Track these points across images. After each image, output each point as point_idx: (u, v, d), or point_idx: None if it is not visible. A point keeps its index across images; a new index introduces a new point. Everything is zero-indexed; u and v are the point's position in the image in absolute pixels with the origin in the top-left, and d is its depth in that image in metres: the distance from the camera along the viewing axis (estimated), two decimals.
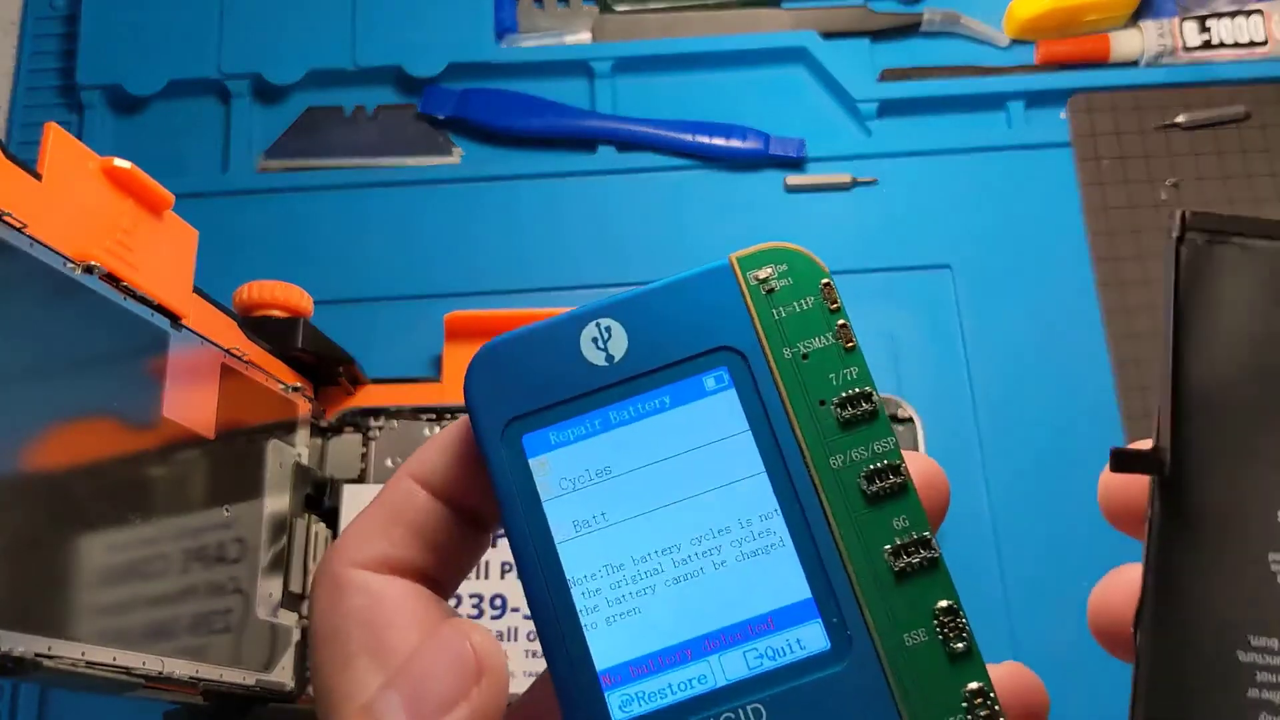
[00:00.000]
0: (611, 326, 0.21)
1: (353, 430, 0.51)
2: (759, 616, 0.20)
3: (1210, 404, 0.20)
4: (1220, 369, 0.20)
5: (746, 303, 0.21)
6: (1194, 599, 0.19)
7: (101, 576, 0.35)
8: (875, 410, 0.21)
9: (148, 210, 0.38)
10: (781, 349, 0.21)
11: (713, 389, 0.21)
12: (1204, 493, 0.19)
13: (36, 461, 0.32)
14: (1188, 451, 0.20)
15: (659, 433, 0.21)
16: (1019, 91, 0.60)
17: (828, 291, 0.21)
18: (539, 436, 0.21)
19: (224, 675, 0.40)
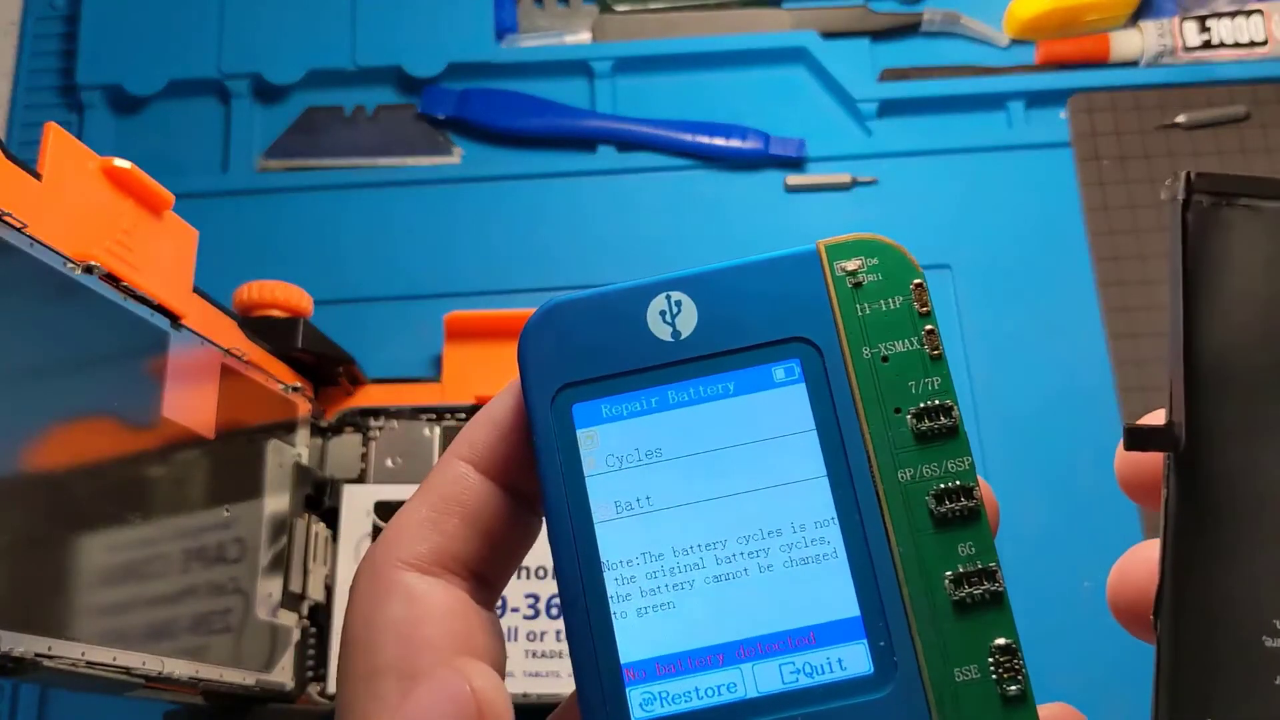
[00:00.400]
0: (682, 301, 0.20)
1: (353, 430, 0.51)
2: (801, 629, 0.19)
3: (1225, 374, 0.18)
4: (1234, 336, 0.18)
5: (830, 294, 0.20)
6: (1215, 583, 0.18)
7: (101, 576, 0.35)
8: (955, 426, 0.19)
9: (148, 210, 0.38)
10: (861, 347, 0.20)
11: (781, 380, 0.20)
12: (1222, 469, 0.18)
13: (36, 461, 0.32)
14: (1203, 425, 0.18)
15: (719, 419, 0.20)
16: (1019, 91, 0.60)
17: (919, 293, 0.20)
18: (591, 407, 0.20)
19: (224, 675, 0.40)
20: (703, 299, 0.20)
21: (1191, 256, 0.19)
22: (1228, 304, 0.18)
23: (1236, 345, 0.18)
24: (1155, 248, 0.57)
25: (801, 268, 0.20)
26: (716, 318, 0.20)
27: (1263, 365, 0.18)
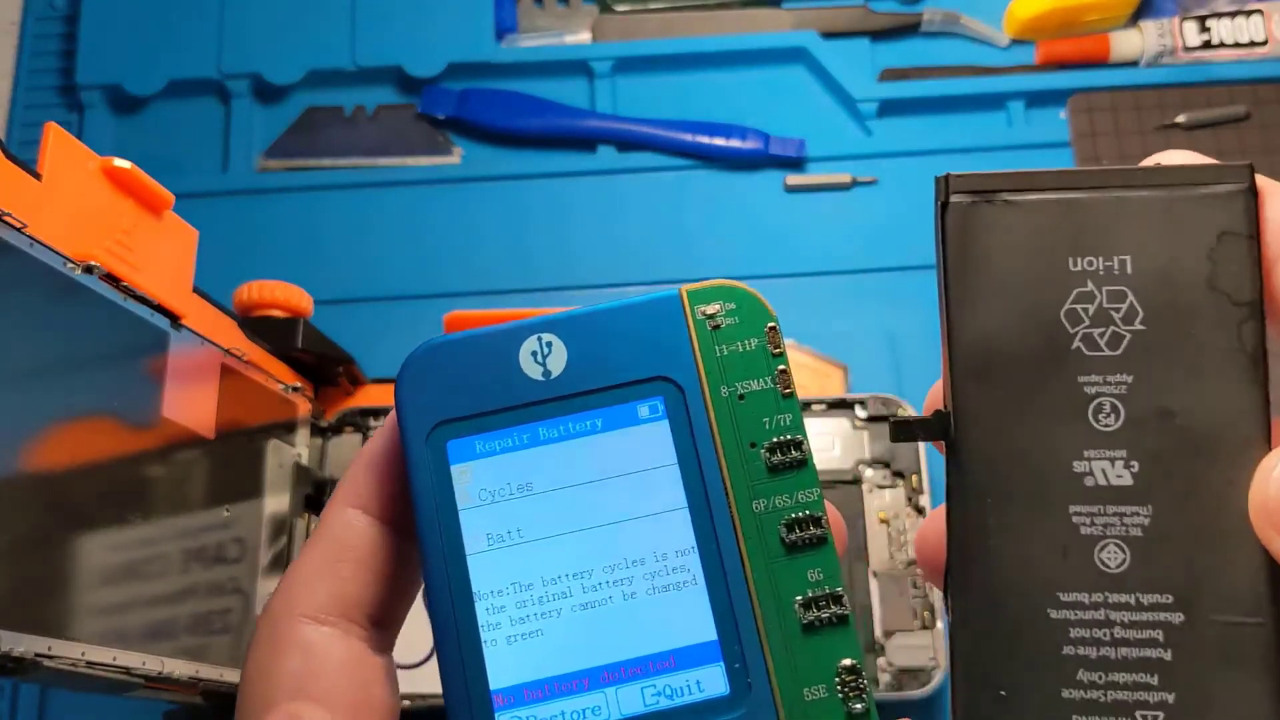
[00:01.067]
0: (553, 342, 0.21)
1: (353, 430, 0.51)
2: (662, 653, 0.20)
3: (990, 362, 0.19)
4: (997, 323, 0.19)
5: (691, 336, 0.21)
6: (996, 561, 0.19)
7: (101, 576, 0.35)
8: (804, 459, 0.20)
9: (148, 210, 0.38)
10: (720, 386, 0.21)
11: (646, 417, 0.21)
12: (995, 451, 0.19)
13: (36, 461, 0.32)
14: (972, 412, 0.19)
15: (586, 455, 0.21)
16: (1019, 91, 0.60)
17: (772, 335, 0.21)
18: (465, 444, 0.21)
19: (224, 675, 0.40)
20: (572, 340, 0.21)
21: (952, 254, 0.20)
22: (988, 295, 0.20)
23: (1001, 333, 0.19)
24: None
25: (665, 311, 0.21)
26: (585, 358, 0.21)
27: (1027, 351, 0.19)
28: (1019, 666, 0.19)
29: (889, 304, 0.57)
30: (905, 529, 0.48)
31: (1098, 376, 0.19)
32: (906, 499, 0.49)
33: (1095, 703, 0.19)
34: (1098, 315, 0.19)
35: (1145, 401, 0.19)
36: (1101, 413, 0.19)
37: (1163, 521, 0.19)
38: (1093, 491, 0.19)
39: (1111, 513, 0.19)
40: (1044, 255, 0.19)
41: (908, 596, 0.47)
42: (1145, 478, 0.19)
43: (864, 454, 0.50)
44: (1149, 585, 0.19)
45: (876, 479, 0.49)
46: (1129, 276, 0.19)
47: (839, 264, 0.58)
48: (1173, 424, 0.19)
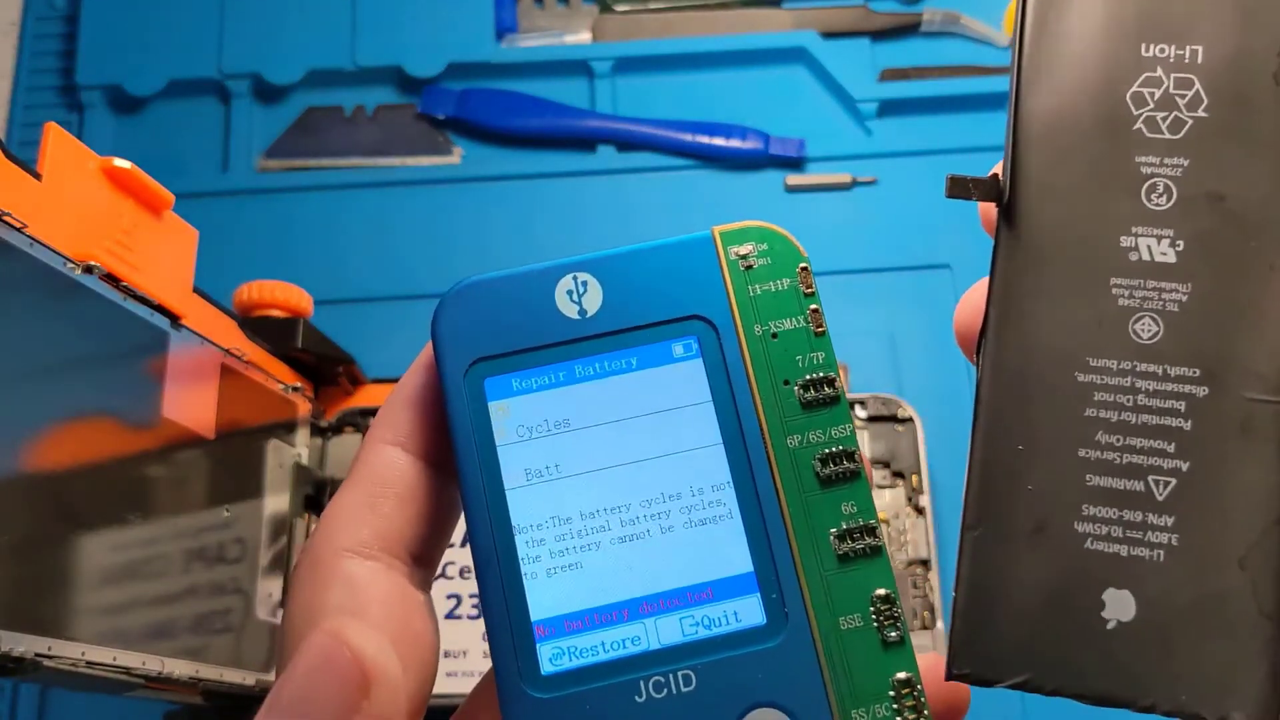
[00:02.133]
0: (588, 281, 0.21)
1: (353, 430, 0.51)
2: (699, 585, 0.20)
3: (1051, 131, 0.20)
4: (1063, 96, 0.20)
5: (724, 276, 0.21)
6: (1034, 321, 0.20)
7: (101, 576, 0.35)
8: (837, 395, 0.21)
9: (148, 210, 0.38)
10: (753, 325, 0.21)
11: (680, 356, 0.21)
12: (1046, 218, 0.20)
13: (36, 461, 0.32)
14: (1029, 179, 0.20)
15: (622, 392, 0.21)
16: None
17: (804, 275, 0.21)
18: (502, 381, 0.21)
19: (224, 675, 0.40)
20: (607, 279, 0.21)
21: (1031, 24, 0.21)
22: (1059, 68, 0.20)
23: (1063, 106, 0.20)
24: None
25: (698, 251, 0.22)
26: (620, 297, 0.21)
27: (1084, 124, 0.20)
28: (1042, 422, 0.19)
29: (889, 304, 0.57)
30: (905, 529, 0.48)
31: (1155, 158, 0.20)
32: (906, 499, 0.49)
33: (1110, 463, 0.19)
34: (1163, 100, 0.20)
35: (1198, 185, 0.19)
36: (1155, 192, 0.20)
37: (1200, 300, 0.19)
38: (1136, 266, 0.20)
39: (1151, 287, 0.19)
40: (1117, 38, 0.20)
41: (908, 596, 0.47)
42: (1189, 257, 0.19)
43: (864, 454, 0.50)
44: (1178, 358, 0.19)
45: (876, 479, 0.49)
46: (1198, 66, 0.20)
47: (839, 264, 0.58)
48: (1223, 208, 0.19)
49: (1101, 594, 0.19)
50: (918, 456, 0.49)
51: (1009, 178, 0.20)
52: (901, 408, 0.50)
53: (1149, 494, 0.19)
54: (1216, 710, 0.19)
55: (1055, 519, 0.19)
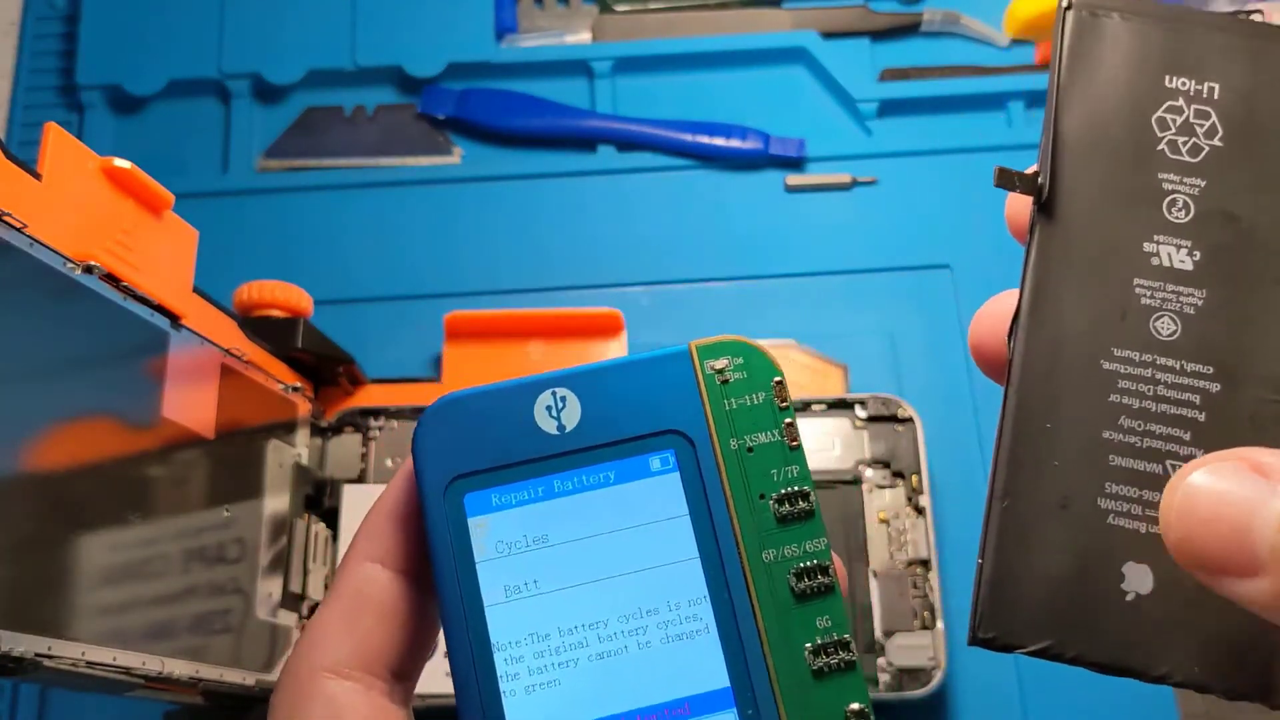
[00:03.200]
0: (567, 397, 0.22)
1: (353, 430, 0.51)
2: (676, 701, 0.20)
3: (1086, 146, 0.22)
4: (1096, 117, 0.22)
5: (700, 390, 0.22)
6: (1065, 309, 0.21)
7: (101, 576, 0.35)
8: (811, 510, 0.21)
9: (148, 210, 0.38)
10: (729, 439, 0.22)
11: (658, 470, 0.21)
12: (1078, 219, 0.22)
13: (36, 461, 0.32)
14: (1065, 181, 0.22)
15: (600, 507, 0.21)
16: (1019, 91, 0.60)
17: (779, 389, 0.22)
18: (481, 497, 0.21)
19: (224, 675, 0.40)
20: (586, 395, 0.22)
21: (1069, 48, 0.23)
22: (1093, 88, 0.22)
23: (1098, 124, 0.22)
24: None
25: (675, 366, 0.22)
26: (598, 412, 0.22)
27: (1119, 144, 0.22)
28: (1069, 404, 0.21)
29: (889, 304, 0.57)
30: (905, 529, 0.48)
31: (1175, 176, 0.22)
32: (906, 499, 0.49)
33: (1132, 446, 0.21)
34: (1183, 126, 0.22)
35: (1214, 204, 0.22)
36: (1175, 206, 0.22)
37: (1214, 305, 0.21)
38: (1157, 270, 0.21)
39: (1170, 290, 0.21)
40: (1144, 68, 0.22)
41: (908, 596, 0.47)
42: (1205, 266, 0.21)
43: (864, 454, 0.50)
44: (1194, 355, 0.21)
45: (876, 479, 0.49)
46: (1215, 101, 0.22)
47: (839, 264, 0.58)
48: (1236, 226, 0.21)
49: (1122, 567, 0.20)
50: (918, 456, 0.49)
51: (1047, 179, 0.22)
52: (901, 408, 0.50)
53: (1168, 476, 0.20)
54: (1226, 682, 0.20)
55: (1080, 495, 0.21)
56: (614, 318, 0.53)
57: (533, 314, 0.53)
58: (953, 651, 0.49)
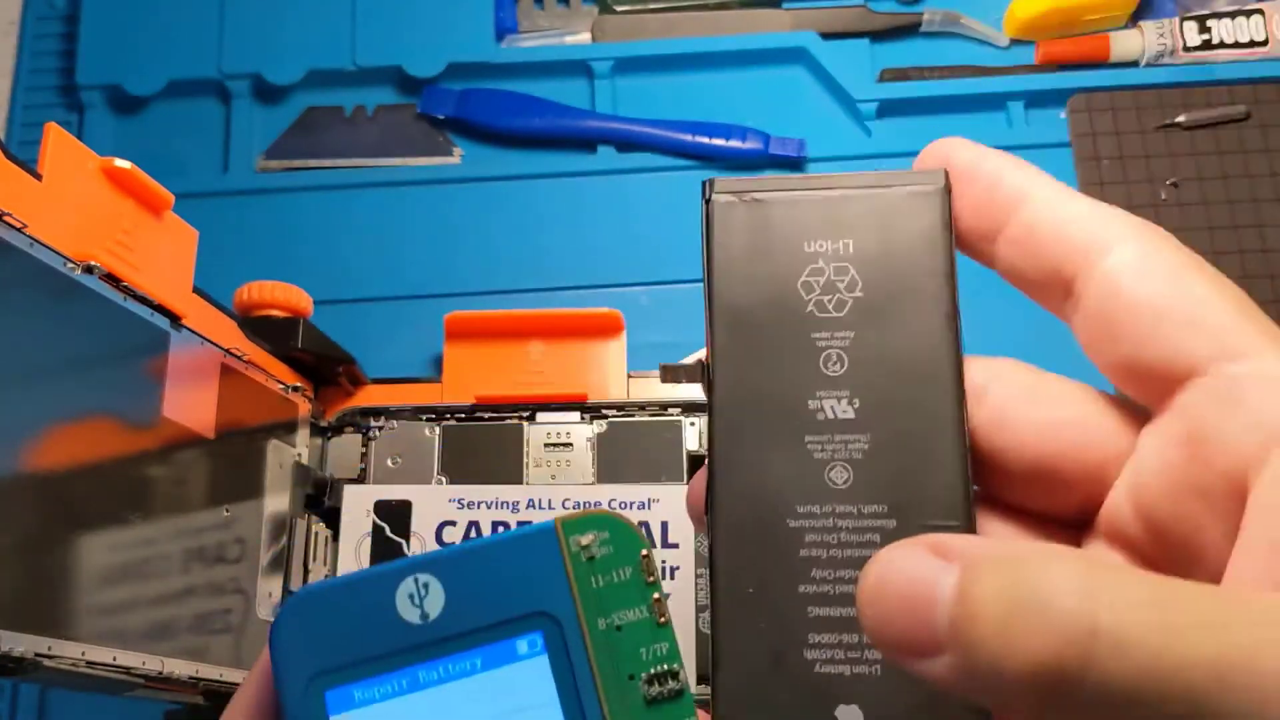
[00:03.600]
0: (430, 583, 0.21)
1: (353, 430, 0.51)
2: None
3: (741, 321, 0.24)
4: (747, 291, 0.24)
5: (566, 568, 0.21)
6: (747, 478, 0.23)
7: (101, 576, 0.35)
8: (681, 690, 0.21)
9: (148, 210, 0.38)
10: (597, 618, 0.21)
11: (525, 654, 0.21)
12: (746, 392, 0.23)
13: (36, 461, 0.32)
14: (727, 358, 0.23)
15: (468, 696, 0.21)
16: (1019, 91, 0.60)
17: (646, 563, 0.22)
18: (343, 693, 0.21)
19: (224, 675, 0.40)
20: (449, 580, 0.21)
21: (714, 237, 0.25)
22: (740, 268, 0.24)
23: (747, 299, 0.24)
24: None
25: (541, 544, 0.22)
26: (463, 597, 0.21)
27: (767, 312, 0.24)
28: (765, 566, 0.22)
29: None
30: None
31: (826, 333, 0.23)
32: None
33: (826, 595, 0.22)
34: (826, 285, 0.24)
35: (864, 351, 0.23)
36: (830, 361, 0.23)
37: (878, 447, 0.23)
38: (823, 424, 0.23)
39: (838, 440, 0.23)
40: (785, 239, 0.24)
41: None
42: (864, 412, 0.23)
43: None
44: (868, 498, 0.22)
45: None
46: (852, 255, 0.24)
47: None
48: (885, 368, 0.23)
49: (834, 711, 0.21)
50: None
51: (711, 358, 0.24)
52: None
53: None
54: None
55: (788, 650, 0.22)
56: (614, 318, 0.53)
57: (533, 314, 0.53)
58: None
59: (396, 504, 0.49)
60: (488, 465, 0.50)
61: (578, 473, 0.50)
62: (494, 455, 0.50)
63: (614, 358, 0.53)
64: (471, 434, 0.51)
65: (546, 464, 0.50)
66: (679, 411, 0.51)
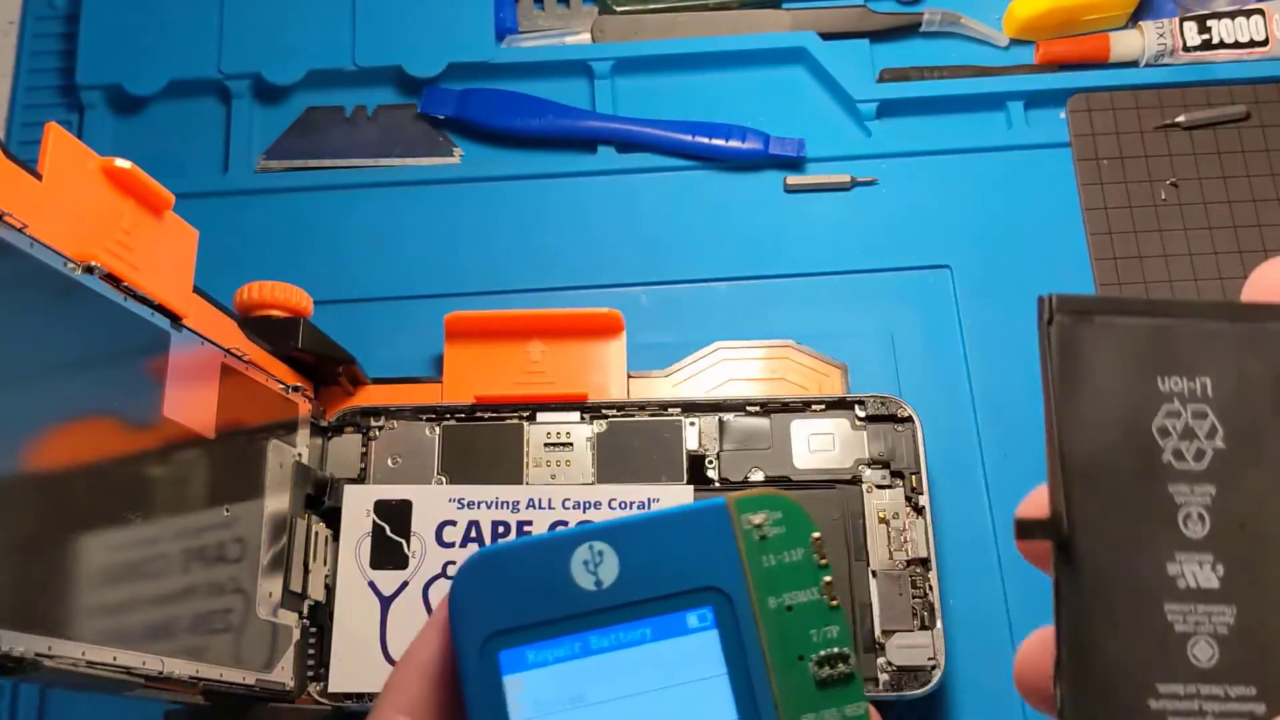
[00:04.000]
0: (604, 551, 0.22)
1: (353, 430, 0.51)
2: None
3: (1095, 472, 0.21)
4: (1098, 436, 0.21)
5: (739, 546, 0.21)
6: (1103, 652, 0.20)
7: (102, 576, 0.35)
8: (851, 673, 0.21)
9: (148, 210, 0.38)
10: (768, 597, 0.21)
11: (695, 627, 0.21)
12: (1099, 551, 0.21)
13: (37, 461, 0.32)
14: (1081, 516, 0.21)
15: (637, 664, 0.21)
16: (1019, 91, 0.60)
17: (818, 545, 0.22)
18: (516, 654, 0.21)
19: (224, 675, 0.40)
20: (623, 549, 0.22)
21: (1057, 368, 0.21)
22: (1090, 409, 0.21)
23: (1102, 444, 0.21)
24: (1154, 248, 0.57)
25: (713, 520, 0.22)
26: (636, 567, 0.21)
27: (1125, 460, 0.21)
28: None
29: (889, 304, 0.57)
30: (905, 528, 0.48)
31: (1185, 487, 0.21)
32: (906, 498, 0.49)
33: None
34: (1184, 431, 0.21)
35: (1228, 511, 0.21)
36: (1190, 520, 0.21)
37: (1246, 620, 0.20)
38: (1184, 592, 0.21)
39: (1201, 611, 0.20)
40: (1137, 374, 0.21)
41: (907, 596, 0.47)
42: (1230, 580, 0.20)
43: (863, 453, 0.50)
44: (1235, 678, 0.20)
45: (876, 479, 0.49)
46: (1211, 397, 0.21)
47: (839, 264, 0.58)
48: (1252, 531, 0.21)
49: None
50: (917, 456, 0.49)
51: (1061, 518, 0.21)
52: (901, 408, 0.50)
53: None
54: None
55: None
56: (614, 318, 0.53)
57: (533, 314, 0.53)
58: (952, 651, 0.49)
59: (396, 504, 0.49)
60: (488, 465, 0.50)
61: (578, 473, 0.50)
62: (494, 455, 0.51)
63: (614, 358, 0.53)
64: (471, 434, 0.51)
65: (546, 464, 0.50)
66: (679, 411, 0.51)
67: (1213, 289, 0.56)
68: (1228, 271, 0.57)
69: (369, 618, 0.48)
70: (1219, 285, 0.56)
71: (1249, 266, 0.57)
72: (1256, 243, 0.57)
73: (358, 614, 0.48)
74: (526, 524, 0.49)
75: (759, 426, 0.51)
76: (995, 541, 0.53)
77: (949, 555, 0.51)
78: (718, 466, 0.50)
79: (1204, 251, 0.57)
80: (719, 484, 0.50)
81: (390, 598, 0.48)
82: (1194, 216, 0.58)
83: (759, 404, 0.51)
